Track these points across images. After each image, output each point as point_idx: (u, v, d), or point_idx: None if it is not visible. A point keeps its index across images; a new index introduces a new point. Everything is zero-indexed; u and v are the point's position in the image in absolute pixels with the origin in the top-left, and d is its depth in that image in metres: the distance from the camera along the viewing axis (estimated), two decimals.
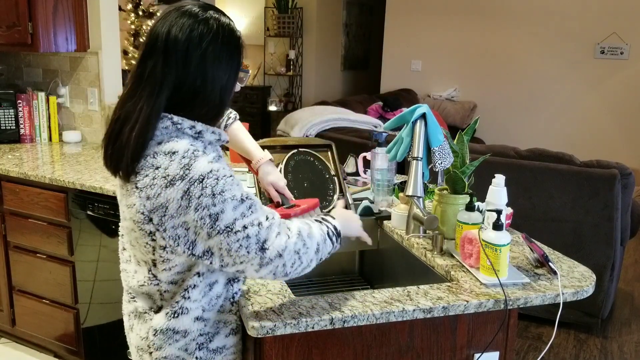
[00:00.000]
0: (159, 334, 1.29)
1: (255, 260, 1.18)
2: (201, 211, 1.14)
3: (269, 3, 7.36)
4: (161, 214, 1.16)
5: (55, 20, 2.94)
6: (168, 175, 1.15)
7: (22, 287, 2.79)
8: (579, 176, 3.07)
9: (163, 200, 1.15)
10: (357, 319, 1.30)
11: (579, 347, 3.09)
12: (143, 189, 1.18)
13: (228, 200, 1.15)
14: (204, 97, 1.21)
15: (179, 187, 1.14)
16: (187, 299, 1.26)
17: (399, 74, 6.57)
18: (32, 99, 3.18)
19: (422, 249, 1.72)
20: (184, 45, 1.18)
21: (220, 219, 1.14)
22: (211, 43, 1.20)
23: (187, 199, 1.14)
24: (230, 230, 1.15)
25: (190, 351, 1.31)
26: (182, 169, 1.15)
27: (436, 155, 1.69)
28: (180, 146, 1.18)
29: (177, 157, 1.16)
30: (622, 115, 5.54)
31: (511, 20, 5.90)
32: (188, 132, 1.20)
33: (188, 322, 1.28)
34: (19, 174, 2.59)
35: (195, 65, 1.19)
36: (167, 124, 1.19)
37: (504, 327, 1.47)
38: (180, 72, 1.19)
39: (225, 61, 1.22)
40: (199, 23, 1.20)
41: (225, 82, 1.23)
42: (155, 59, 1.19)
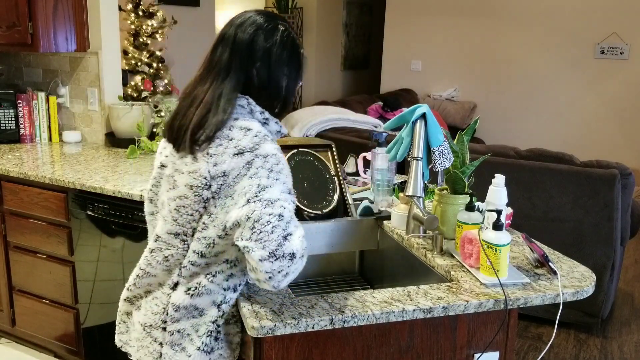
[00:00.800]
0: (181, 309, 1.37)
1: (272, 245, 1.21)
2: (254, 179, 1.25)
3: (269, 3, 7.36)
4: (221, 182, 1.28)
5: (55, 20, 2.94)
6: (239, 145, 1.28)
7: (22, 287, 2.79)
8: (579, 176, 3.07)
9: (227, 167, 1.28)
10: (357, 319, 1.30)
11: (579, 347, 3.09)
12: (213, 156, 1.30)
13: (280, 181, 1.27)
14: (269, 92, 1.38)
15: (245, 157, 1.27)
16: (211, 282, 1.35)
17: (399, 74, 6.57)
18: (32, 99, 3.18)
19: (422, 249, 1.72)
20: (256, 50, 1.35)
21: (266, 191, 1.24)
22: (276, 46, 1.36)
23: (247, 168, 1.26)
24: (269, 203, 1.23)
25: (200, 333, 1.37)
26: (253, 144, 1.28)
27: (436, 155, 1.69)
28: (254, 126, 1.32)
29: (251, 134, 1.30)
30: (622, 115, 5.54)
31: (511, 20, 5.90)
32: (258, 116, 1.36)
33: (207, 303, 1.36)
34: (19, 174, 2.59)
35: (261, 63, 1.35)
36: (243, 102, 1.35)
37: (504, 327, 1.47)
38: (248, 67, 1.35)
39: (288, 64, 1.39)
40: (264, 29, 1.36)
41: (287, 82, 1.40)
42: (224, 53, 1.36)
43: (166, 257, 1.39)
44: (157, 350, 1.41)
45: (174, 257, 1.38)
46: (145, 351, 1.43)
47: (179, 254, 1.38)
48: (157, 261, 1.41)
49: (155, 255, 1.42)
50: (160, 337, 1.40)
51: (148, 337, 1.42)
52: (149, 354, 1.43)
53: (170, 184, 1.37)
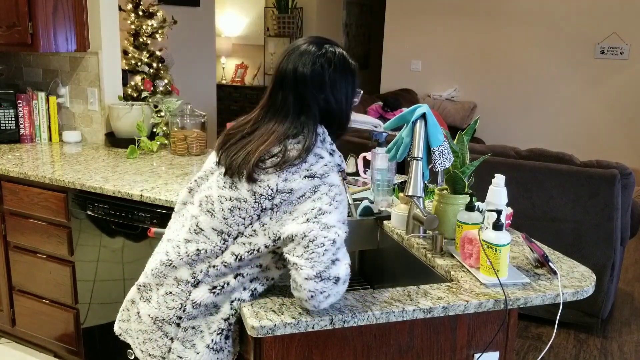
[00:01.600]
0: (201, 307, 1.38)
1: (320, 266, 1.27)
2: (316, 202, 1.32)
3: (269, 3, 7.36)
4: (285, 197, 1.33)
5: (55, 20, 2.94)
6: (311, 170, 1.35)
7: (22, 287, 2.79)
8: (579, 176, 3.07)
9: (296, 186, 1.33)
10: (357, 319, 1.31)
11: (579, 347, 3.09)
12: (285, 172, 1.34)
13: (339, 210, 1.34)
14: (333, 116, 1.44)
15: (314, 181, 1.34)
16: (237, 282, 1.38)
17: (399, 74, 6.57)
18: (32, 99, 3.18)
19: (422, 249, 1.72)
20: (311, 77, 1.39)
21: (325, 215, 1.30)
22: (333, 72, 1.41)
23: (313, 191, 1.33)
24: (326, 227, 1.29)
25: (212, 330, 1.39)
26: (323, 171, 1.35)
27: (436, 155, 1.69)
28: (325, 155, 1.39)
29: (322, 162, 1.37)
30: (622, 115, 5.54)
31: (511, 20, 5.90)
32: (328, 146, 1.41)
33: (225, 300, 1.39)
34: (19, 174, 2.59)
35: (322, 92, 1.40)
36: (320, 131, 1.41)
37: (504, 327, 1.47)
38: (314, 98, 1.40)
39: (344, 85, 1.44)
40: (319, 57, 1.41)
41: (345, 102, 1.46)
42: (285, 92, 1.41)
43: (199, 250, 1.39)
44: (167, 344, 1.41)
45: (206, 253, 1.39)
46: (153, 344, 1.43)
47: (214, 252, 1.38)
48: (187, 253, 1.40)
49: (188, 246, 1.41)
50: (173, 332, 1.41)
51: (158, 331, 1.42)
52: (157, 348, 1.43)
53: (228, 183, 1.39)
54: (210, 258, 1.39)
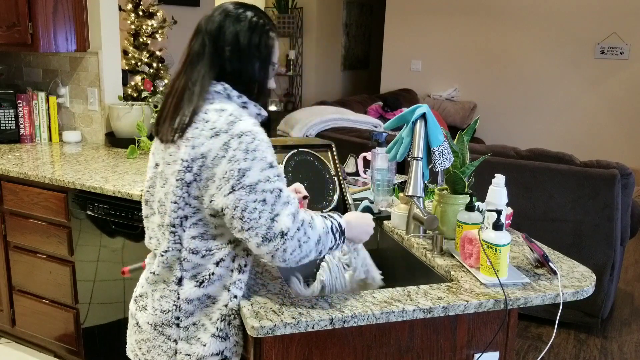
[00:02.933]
0: (194, 301, 1.37)
1: (262, 230, 1.25)
2: (233, 164, 1.26)
3: (269, 3, 7.36)
4: (200, 163, 1.30)
5: (55, 20, 2.93)
6: (215, 127, 1.30)
7: (22, 287, 2.79)
8: (579, 176, 3.07)
9: (205, 149, 1.29)
10: (357, 319, 1.30)
11: (579, 347, 3.09)
12: (191, 139, 1.31)
13: (258, 159, 1.27)
14: (243, 77, 1.39)
15: (221, 138, 1.28)
16: (221, 267, 1.36)
17: (399, 74, 6.57)
18: (32, 99, 3.18)
19: (422, 249, 1.72)
20: (225, 35, 1.37)
21: (246, 175, 1.25)
22: (245, 31, 1.38)
23: (224, 150, 1.27)
24: (251, 190, 1.25)
25: (214, 319, 1.38)
26: (228, 124, 1.30)
27: (436, 155, 1.69)
28: (230, 107, 1.34)
29: (225, 114, 1.32)
30: (622, 115, 5.54)
31: (511, 20, 5.90)
32: (236, 100, 1.38)
33: (219, 289, 1.38)
34: (19, 174, 2.59)
35: (231, 48, 1.37)
36: (219, 88, 1.36)
37: (504, 327, 1.47)
38: (219, 53, 1.37)
39: (258, 47, 1.39)
40: (236, 15, 1.39)
41: (260, 65, 1.40)
42: (197, 43, 1.39)
43: (162, 252, 1.39)
44: (172, 347, 1.40)
45: (169, 252, 1.38)
46: (158, 350, 1.42)
47: (174, 248, 1.37)
48: (159, 260, 1.40)
49: (156, 254, 1.42)
50: (175, 334, 1.39)
51: (161, 336, 1.41)
52: (162, 353, 1.41)
53: (163, 179, 1.39)
54: (176, 255, 1.37)
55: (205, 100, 1.35)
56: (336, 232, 1.37)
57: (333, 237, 1.36)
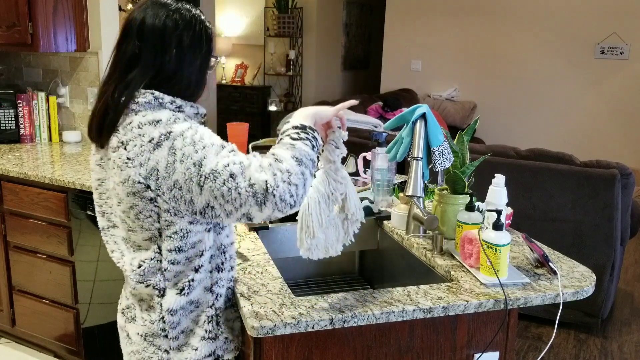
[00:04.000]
0: (178, 312, 1.35)
1: (251, 200, 1.19)
2: (186, 161, 1.20)
3: (269, 3, 7.36)
4: (155, 177, 1.24)
5: (55, 20, 2.94)
6: (153, 139, 1.24)
7: (22, 287, 2.79)
8: (579, 176, 3.07)
9: (153, 162, 1.23)
10: (357, 319, 1.30)
11: (579, 347, 3.09)
12: (134, 158, 1.25)
13: (208, 145, 1.22)
14: (180, 78, 1.32)
15: (164, 146, 1.22)
16: (200, 273, 1.34)
17: (399, 74, 6.57)
18: (32, 99, 3.18)
19: (422, 249, 1.72)
20: (159, 31, 1.29)
21: (204, 164, 1.20)
22: (184, 31, 1.31)
23: (173, 154, 1.21)
24: (215, 174, 1.19)
25: (201, 323, 1.37)
26: (165, 131, 1.24)
27: (436, 155, 1.69)
28: (163, 115, 1.27)
29: (161, 125, 1.25)
30: (622, 115, 5.54)
31: (511, 20, 5.90)
32: (169, 106, 1.30)
33: (200, 293, 1.36)
34: (19, 174, 2.59)
35: (169, 50, 1.29)
36: (149, 98, 1.28)
37: (504, 327, 1.47)
38: (155, 56, 1.29)
39: (197, 47, 1.33)
40: (173, 12, 1.31)
41: (198, 66, 1.34)
42: (130, 44, 1.30)
43: (142, 261, 1.34)
44: (164, 358, 1.37)
45: (148, 263, 1.33)
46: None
47: (154, 258, 1.32)
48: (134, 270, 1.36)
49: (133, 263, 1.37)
50: (165, 344, 1.37)
51: (151, 347, 1.38)
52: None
53: (118, 198, 1.32)
54: (155, 266, 1.33)
55: (135, 112, 1.27)
56: (299, 134, 1.27)
57: (302, 142, 1.26)
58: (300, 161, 1.23)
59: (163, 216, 1.27)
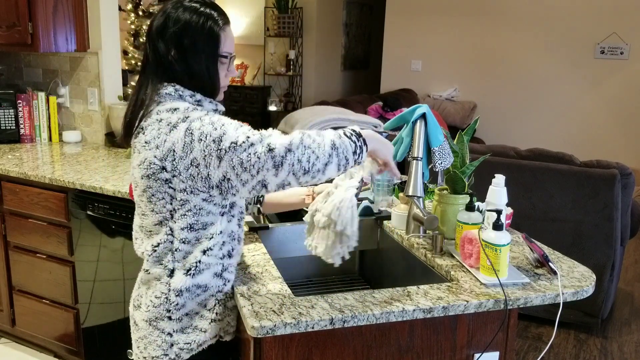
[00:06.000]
0: (184, 293, 1.38)
1: (269, 163, 1.22)
2: (205, 140, 1.25)
3: (269, 3, 7.36)
4: (172, 159, 1.29)
5: (55, 20, 2.94)
6: (170, 122, 1.30)
7: (22, 287, 2.79)
8: (579, 176, 3.07)
9: (170, 144, 1.29)
10: (357, 319, 1.30)
11: (579, 347, 3.09)
12: (151, 141, 1.32)
13: (227, 124, 1.27)
14: (191, 77, 1.37)
15: (180, 128, 1.28)
16: (209, 256, 1.37)
17: (399, 74, 6.57)
18: (32, 99, 3.18)
19: (422, 249, 1.72)
20: (159, 33, 1.36)
21: (223, 139, 1.24)
22: (184, 31, 1.34)
23: (190, 134, 1.26)
24: (235, 144, 1.23)
25: (210, 306, 1.41)
26: (183, 116, 1.30)
27: (436, 155, 1.69)
28: (181, 105, 1.34)
29: (178, 112, 1.32)
30: (622, 115, 5.54)
31: (511, 20, 5.90)
32: (189, 99, 1.37)
33: (209, 277, 1.39)
34: (19, 174, 2.59)
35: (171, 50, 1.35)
36: (170, 90, 1.36)
37: (504, 327, 1.47)
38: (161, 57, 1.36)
39: (200, 46, 1.36)
40: (178, 17, 1.35)
41: (205, 65, 1.37)
42: (147, 47, 1.39)
43: (155, 246, 1.39)
44: (167, 341, 1.40)
45: (161, 245, 1.38)
46: (153, 346, 1.42)
47: (167, 240, 1.38)
48: (148, 252, 1.41)
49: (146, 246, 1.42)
50: (168, 327, 1.40)
51: (155, 330, 1.42)
52: (157, 348, 1.41)
53: (134, 182, 1.40)
54: (168, 247, 1.38)
55: (157, 103, 1.36)
56: (352, 136, 1.30)
57: (350, 141, 1.29)
58: (335, 148, 1.27)
59: (178, 196, 1.32)
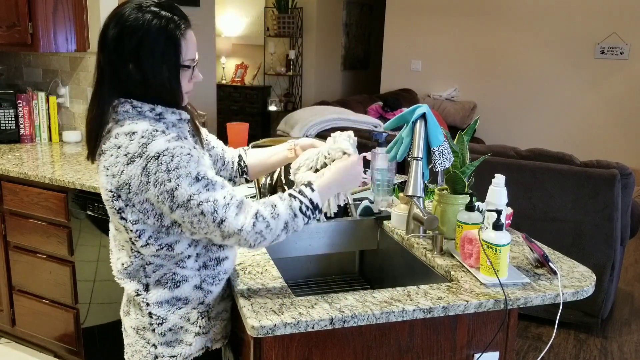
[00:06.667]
0: (164, 305, 1.36)
1: (217, 233, 1.26)
2: (159, 187, 1.21)
3: (269, 3, 7.36)
4: (127, 191, 1.25)
5: (55, 20, 2.93)
6: (128, 153, 1.23)
7: (22, 287, 2.79)
8: (579, 176, 3.07)
9: (126, 177, 1.24)
10: (357, 319, 1.30)
11: (579, 347, 3.09)
12: (109, 168, 1.26)
13: (183, 176, 1.21)
14: (150, 86, 1.27)
15: (138, 164, 1.22)
16: (184, 269, 1.35)
17: (399, 74, 6.57)
18: (32, 99, 3.18)
19: (422, 249, 1.72)
20: (115, 42, 1.26)
21: (176, 195, 1.21)
22: (143, 38, 1.24)
23: (146, 175, 1.21)
24: (187, 206, 1.22)
25: (193, 320, 1.39)
26: (141, 147, 1.22)
27: (436, 155, 1.69)
28: (139, 127, 1.25)
29: (137, 137, 1.24)
30: (622, 115, 5.54)
31: (511, 20, 5.90)
32: (149, 114, 1.28)
33: (189, 290, 1.37)
34: (19, 174, 2.59)
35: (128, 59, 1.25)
36: (127, 107, 1.28)
37: (504, 327, 1.47)
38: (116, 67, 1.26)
39: (160, 53, 1.26)
40: (131, 19, 1.26)
41: (167, 72, 1.27)
42: (99, 55, 1.30)
43: (124, 263, 1.38)
44: (152, 352, 1.39)
45: (132, 265, 1.37)
46: (139, 355, 1.42)
47: (135, 259, 1.35)
48: (119, 270, 1.41)
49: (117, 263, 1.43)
50: (153, 338, 1.39)
51: (141, 340, 1.41)
52: (142, 358, 1.41)
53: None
54: (139, 263, 1.35)
55: (116, 121, 1.28)
56: (307, 210, 1.31)
57: (304, 216, 1.31)
58: (286, 228, 1.30)
59: (133, 228, 1.28)
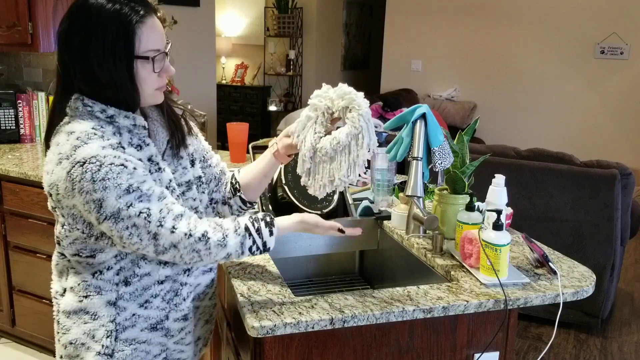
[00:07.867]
0: (71, 316, 1.29)
1: (150, 248, 1.18)
2: (85, 195, 1.13)
3: (269, 3, 7.36)
4: (56, 191, 1.19)
5: (55, 20, 2.93)
6: (60, 153, 1.17)
7: (22, 287, 2.79)
8: (579, 176, 3.07)
9: (55, 178, 1.18)
10: (357, 319, 1.30)
11: (579, 347, 3.09)
12: (47, 164, 1.21)
13: (110, 188, 1.12)
14: (104, 88, 1.19)
15: (64, 166, 1.15)
16: (100, 280, 1.26)
17: (399, 74, 6.57)
18: (32, 99, 3.18)
19: (422, 249, 1.72)
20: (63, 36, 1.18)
21: (104, 206, 1.13)
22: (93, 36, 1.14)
23: (70, 181, 1.14)
24: (116, 219, 1.14)
25: (98, 337, 1.27)
26: (71, 149, 1.15)
27: (436, 155, 1.69)
28: (80, 127, 1.18)
29: (72, 138, 1.16)
30: (622, 115, 5.54)
31: (511, 20, 5.90)
32: (99, 115, 1.20)
33: (100, 304, 1.26)
34: (19, 174, 2.59)
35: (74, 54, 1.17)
36: (78, 104, 1.21)
37: (504, 327, 1.47)
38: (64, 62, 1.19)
39: (111, 44, 1.15)
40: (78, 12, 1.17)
41: (118, 74, 1.17)
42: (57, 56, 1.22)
43: (55, 259, 1.35)
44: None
45: (59, 265, 1.33)
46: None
47: (61, 258, 1.32)
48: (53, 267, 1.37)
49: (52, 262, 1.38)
50: (58, 350, 1.33)
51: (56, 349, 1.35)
52: None
53: None
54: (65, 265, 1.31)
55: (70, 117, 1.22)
56: (256, 251, 1.28)
57: (250, 254, 1.28)
58: (228, 257, 1.25)
59: (60, 227, 1.26)
